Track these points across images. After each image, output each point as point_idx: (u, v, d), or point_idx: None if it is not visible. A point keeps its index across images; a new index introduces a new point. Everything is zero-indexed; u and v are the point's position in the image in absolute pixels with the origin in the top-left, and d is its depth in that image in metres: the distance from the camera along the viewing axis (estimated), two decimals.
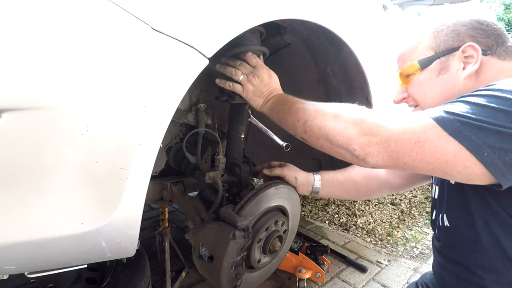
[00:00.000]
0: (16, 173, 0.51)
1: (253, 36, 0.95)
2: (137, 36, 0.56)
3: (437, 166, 0.58)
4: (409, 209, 2.82)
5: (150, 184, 0.72)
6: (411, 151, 0.59)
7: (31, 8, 0.48)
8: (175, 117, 1.06)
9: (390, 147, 0.61)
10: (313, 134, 0.73)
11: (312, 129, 0.73)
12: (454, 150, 0.55)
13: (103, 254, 0.65)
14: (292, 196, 1.08)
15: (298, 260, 1.56)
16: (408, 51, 0.80)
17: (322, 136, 0.71)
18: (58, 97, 0.51)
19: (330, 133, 0.69)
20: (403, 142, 0.59)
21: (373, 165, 0.64)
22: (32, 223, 0.53)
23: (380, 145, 0.62)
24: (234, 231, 0.82)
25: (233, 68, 0.88)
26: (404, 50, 0.81)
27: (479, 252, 0.69)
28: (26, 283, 0.92)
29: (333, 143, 0.69)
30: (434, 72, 0.74)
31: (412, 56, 0.78)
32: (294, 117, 0.78)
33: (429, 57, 0.74)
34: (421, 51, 0.76)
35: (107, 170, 0.57)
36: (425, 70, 0.75)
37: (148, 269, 1.05)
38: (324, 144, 0.71)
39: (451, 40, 0.72)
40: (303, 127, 0.75)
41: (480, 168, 0.55)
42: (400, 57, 0.82)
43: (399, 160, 0.61)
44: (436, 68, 0.74)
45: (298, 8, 0.85)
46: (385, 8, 1.28)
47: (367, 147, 0.63)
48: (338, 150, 0.69)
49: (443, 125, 0.57)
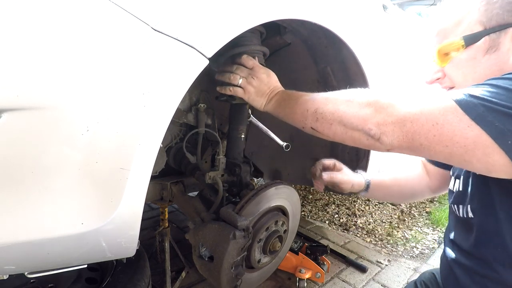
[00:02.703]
0: (16, 173, 0.51)
1: (253, 36, 0.95)
2: (137, 36, 0.56)
3: (455, 150, 0.54)
4: (409, 209, 2.82)
5: (150, 184, 0.72)
6: (428, 132, 0.56)
7: (31, 8, 0.48)
8: (175, 117, 1.06)
9: (406, 127, 0.58)
10: (325, 120, 0.70)
11: (324, 116, 0.70)
12: (475, 135, 0.52)
13: (103, 254, 0.65)
14: (292, 196, 1.08)
15: (298, 260, 1.56)
16: (451, 24, 0.68)
17: (336, 120, 0.68)
18: (58, 97, 0.51)
19: (344, 116, 0.66)
20: (419, 123, 0.56)
21: (389, 146, 0.61)
22: (32, 223, 0.53)
23: (395, 124, 0.59)
24: (235, 231, 0.82)
25: (231, 73, 0.88)
26: (446, 23, 0.70)
27: (500, 246, 0.67)
28: (26, 283, 0.92)
29: (347, 126, 0.66)
30: (480, 51, 0.65)
31: (455, 31, 0.67)
32: (303, 108, 0.76)
33: (477, 32, 0.64)
34: (468, 25, 0.65)
35: (107, 170, 0.57)
36: (469, 47, 0.65)
37: (148, 269, 1.05)
38: (337, 129, 0.68)
39: (506, 14, 0.62)
40: (314, 115, 0.72)
41: (502, 156, 0.51)
42: (441, 31, 0.71)
43: (414, 140, 0.58)
44: (484, 46, 0.64)
45: (298, 8, 0.85)
46: (385, 8, 1.28)
47: (382, 126, 0.60)
48: (353, 133, 0.66)
49: (466, 109, 0.53)
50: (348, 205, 2.76)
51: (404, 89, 1.47)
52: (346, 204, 2.78)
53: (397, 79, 1.39)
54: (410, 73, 1.48)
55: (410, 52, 1.47)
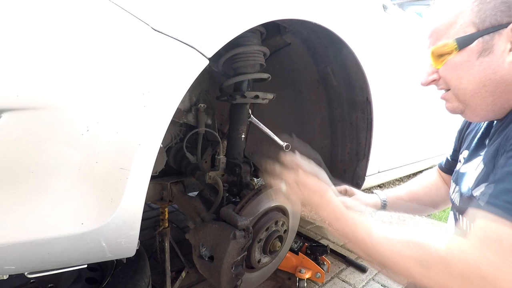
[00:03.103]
0: (16, 173, 0.51)
1: (253, 36, 0.95)
2: (137, 36, 0.56)
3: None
4: None
5: (150, 184, 0.72)
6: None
7: (31, 8, 0.48)
8: (175, 117, 1.06)
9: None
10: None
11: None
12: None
13: (103, 254, 0.65)
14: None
15: (298, 260, 1.56)
16: (444, 25, 0.66)
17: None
18: (58, 97, 0.51)
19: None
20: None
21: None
22: (32, 223, 0.53)
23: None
24: (235, 231, 0.82)
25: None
26: (439, 24, 0.67)
27: None
28: (26, 283, 0.92)
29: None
30: (473, 53, 0.62)
31: (448, 33, 0.65)
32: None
33: (470, 35, 0.61)
34: (461, 27, 0.63)
35: (107, 170, 0.57)
36: (463, 50, 0.63)
37: (148, 269, 1.05)
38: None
39: (500, 14, 0.59)
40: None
41: None
42: (434, 33, 0.68)
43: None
44: (477, 49, 0.62)
45: (298, 8, 0.85)
46: (385, 8, 1.28)
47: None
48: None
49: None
50: None
51: (403, 89, 1.47)
52: None
53: (397, 79, 1.39)
54: (410, 73, 1.48)
55: (410, 52, 1.47)
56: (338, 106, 1.32)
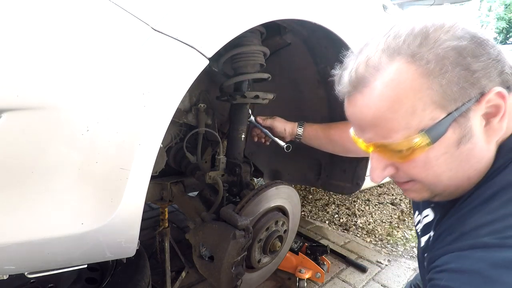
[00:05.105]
0: (16, 173, 0.51)
1: (253, 36, 0.95)
2: (137, 36, 0.56)
3: None
4: (409, 209, 2.81)
5: (150, 184, 0.72)
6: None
7: (31, 8, 0.48)
8: (175, 117, 1.06)
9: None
10: None
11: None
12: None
13: (103, 254, 0.65)
14: (292, 196, 1.08)
15: (298, 260, 1.56)
16: (392, 111, 0.47)
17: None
18: (58, 97, 0.51)
19: None
20: None
21: None
22: (32, 223, 0.53)
23: None
24: (235, 231, 0.82)
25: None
26: (384, 110, 0.48)
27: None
28: (26, 283, 0.92)
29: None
30: (451, 144, 0.48)
31: (406, 122, 0.47)
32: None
33: (440, 122, 0.46)
34: (424, 113, 0.46)
35: (107, 170, 0.57)
36: (438, 142, 0.47)
37: (148, 269, 1.05)
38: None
39: (467, 86, 0.45)
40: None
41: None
42: (377, 121, 0.50)
43: None
44: (454, 137, 0.47)
45: (298, 8, 0.85)
46: (385, 8, 1.28)
47: None
48: None
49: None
50: (348, 205, 2.76)
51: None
52: (346, 204, 2.78)
53: None
54: None
55: None
56: (338, 106, 1.32)
